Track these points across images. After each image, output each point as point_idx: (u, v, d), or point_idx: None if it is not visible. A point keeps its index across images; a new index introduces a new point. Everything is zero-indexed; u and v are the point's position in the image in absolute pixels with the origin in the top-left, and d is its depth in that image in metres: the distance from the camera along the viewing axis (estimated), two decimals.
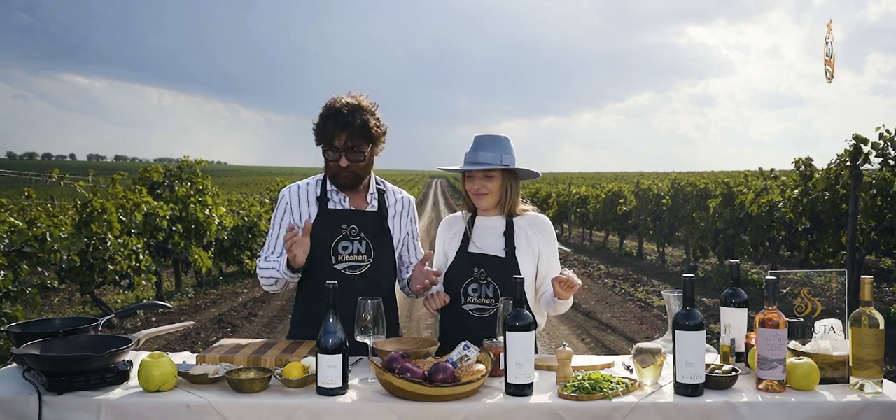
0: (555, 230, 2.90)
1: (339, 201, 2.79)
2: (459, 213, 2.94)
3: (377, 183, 2.87)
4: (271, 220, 2.85)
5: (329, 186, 2.80)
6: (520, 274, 2.60)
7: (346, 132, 2.65)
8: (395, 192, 2.92)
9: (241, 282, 11.75)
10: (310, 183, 2.85)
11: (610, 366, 2.47)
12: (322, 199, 2.79)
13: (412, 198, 2.98)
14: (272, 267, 2.72)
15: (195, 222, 9.93)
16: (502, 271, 2.68)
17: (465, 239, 2.83)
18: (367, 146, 2.71)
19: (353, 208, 2.79)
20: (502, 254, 2.74)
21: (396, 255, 2.86)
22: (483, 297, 2.71)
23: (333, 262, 2.72)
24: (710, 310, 8.64)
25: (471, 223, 2.85)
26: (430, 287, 2.70)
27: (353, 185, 2.77)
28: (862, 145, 7.34)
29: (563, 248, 2.88)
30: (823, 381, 2.24)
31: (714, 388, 2.17)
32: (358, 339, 2.34)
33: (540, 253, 2.78)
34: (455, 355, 2.29)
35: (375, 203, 2.83)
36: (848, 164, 7.49)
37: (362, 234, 2.75)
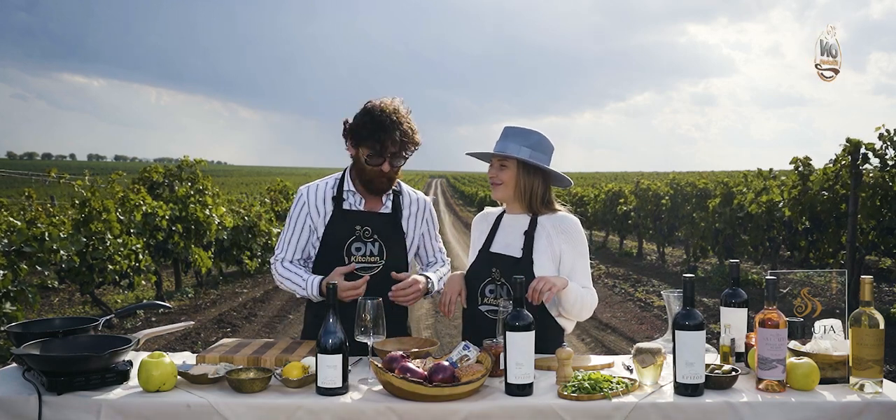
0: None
1: (354, 202, 2.79)
2: (494, 209, 2.87)
3: (393, 185, 2.85)
4: (288, 218, 2.85)
5: (346, 187, 2.80)
6: (535, 276, 2.55)
7: (398, 139, 2.65)
8: (410, 194, 2.91)
9: (241, 282, 11.74)
10: (328, 182, 2.86)
11: (610, 366, 2.47)
12: (338, 200, 2.80)
13: (429, 199, 2.98)
14: (298, 285, 2.75)
15: (195, 222, 9.92)
16: (517, 273, 2.50)
17: (490, 237, 2.76)
18: (410, 152, 2.74)
19: (368, 210, 2.79)
20: (519, 254, 2.65)
21: (411, 256, 2.88)
22: (499, 299, 2.63)
23: (346, 262, 2.73)
24: (710, 310, 8.64)
25: (498, 220, 2.79)
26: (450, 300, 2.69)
27: (386, 189, 2.78)
28: (858, 148, 7.33)
29: None
30: (823, 381, 2.24)
31: (714, 388, 2.17)
32: (358, 339, 2.34)
33: (562, 255, 2.65)
34: (455, 355, 2.29)
35: (390, 205, 2.83)
36: (845, 163, 7.48)
37: (375, 236, 2.76)
